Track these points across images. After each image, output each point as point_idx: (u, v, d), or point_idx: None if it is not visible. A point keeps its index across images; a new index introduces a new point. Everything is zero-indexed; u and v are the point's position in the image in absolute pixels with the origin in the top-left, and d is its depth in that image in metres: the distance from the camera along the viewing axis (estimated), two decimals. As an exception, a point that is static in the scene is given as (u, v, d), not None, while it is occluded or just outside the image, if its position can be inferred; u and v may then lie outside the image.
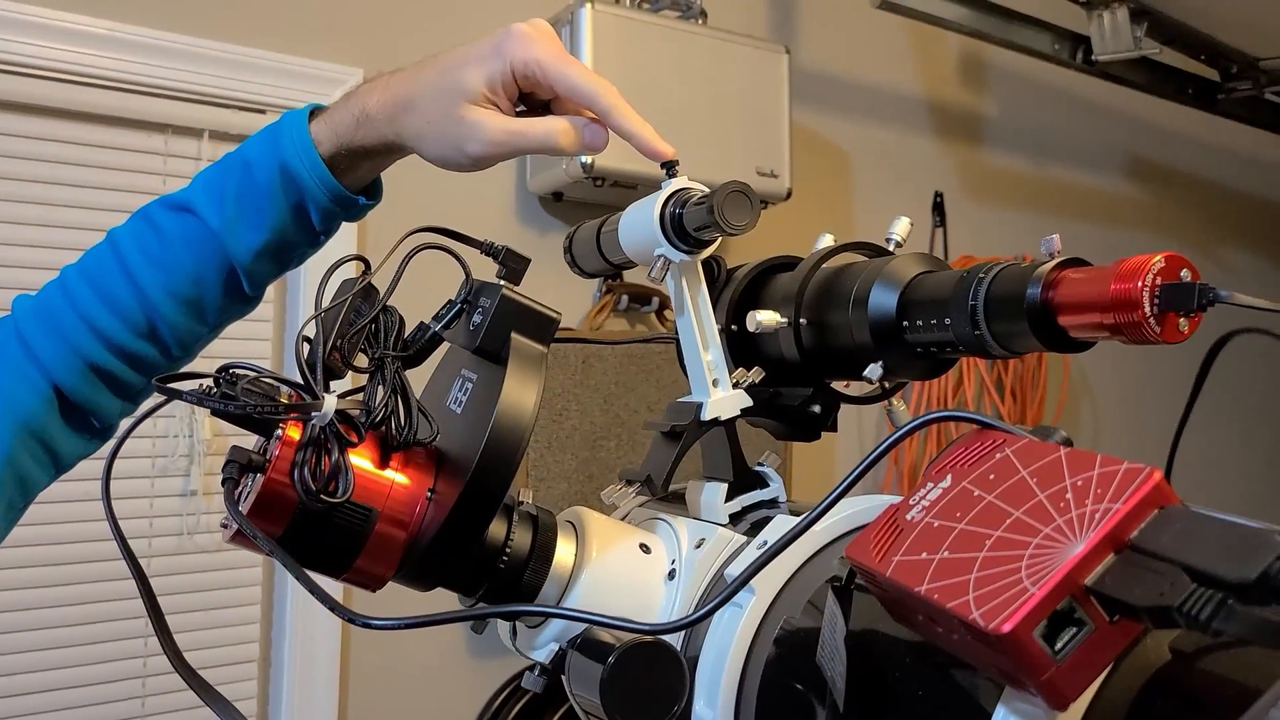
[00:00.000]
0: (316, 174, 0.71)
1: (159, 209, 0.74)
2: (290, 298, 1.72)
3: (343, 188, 0.72)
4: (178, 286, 0.72)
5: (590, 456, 1.80)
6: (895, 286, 0.62)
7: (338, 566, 0.57)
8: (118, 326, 0.71)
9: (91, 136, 1.57)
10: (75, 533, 1.54)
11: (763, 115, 1.96)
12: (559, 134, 0.69)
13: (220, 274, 0.73)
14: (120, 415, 0.76)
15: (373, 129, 0.70)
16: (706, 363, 0.68)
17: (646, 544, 0.65)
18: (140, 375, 0.74)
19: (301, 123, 0.72)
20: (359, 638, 1.76)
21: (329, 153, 0.71)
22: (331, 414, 0.54)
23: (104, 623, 1.56)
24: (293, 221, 0.73)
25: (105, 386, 0.73)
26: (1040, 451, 0.39)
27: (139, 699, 1.58)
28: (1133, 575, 0.32)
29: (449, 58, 0.70)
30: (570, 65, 0.68)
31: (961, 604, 0.34)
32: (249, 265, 0.73)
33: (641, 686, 0.55)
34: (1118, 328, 0.49)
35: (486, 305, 0.60)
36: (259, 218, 0.72)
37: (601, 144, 0.70)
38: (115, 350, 0.72)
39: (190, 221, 0.72)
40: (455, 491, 0.56)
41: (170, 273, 0.72)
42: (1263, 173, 3.31)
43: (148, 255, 0.72)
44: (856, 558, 0.41)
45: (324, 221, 0.74)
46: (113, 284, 0.72)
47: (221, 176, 0.73)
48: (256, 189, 0.71)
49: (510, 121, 0.69)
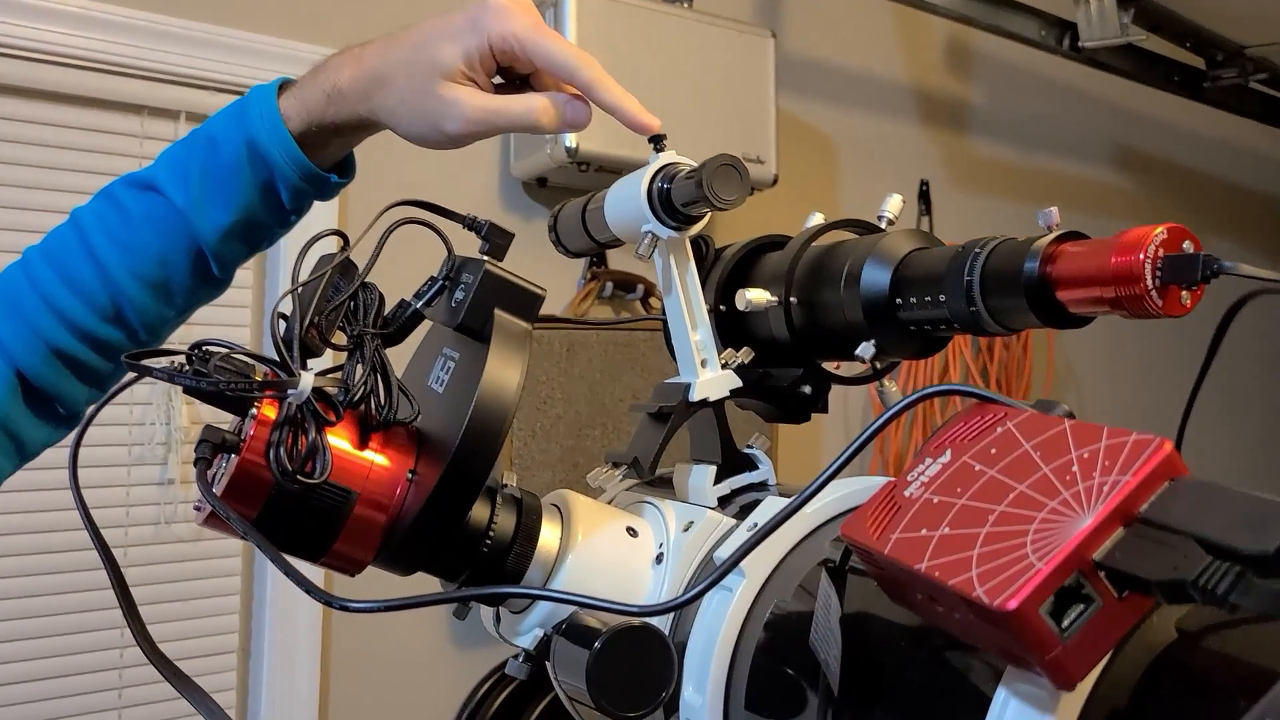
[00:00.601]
0: (286, 151, 0.68)
1: (123, 188, 0.71)
2: (270, 275, 1.69)
3: (314, 165, 0.70)
4: (143, 268, 0.70)
5: (575, 445, 1.78)
6: (888, 263, 0.61)
7: (315, 550, 0.56)
8: (81, 309, 0.69)
9: (66, 118, 1.54)
10: (50, 521, 1.51)
11: (748, 100, 1.95)
12: (539, 112, 0.67)
13: (187, 255, 0.71)
14: (87, 402, 0.73)
15: (345, 105, 0.68)
16: (695, 342, 0.67)
17: (633, 527, 0.64)
18: (106, 360, 0.71)
19: (270, 98, 0.69)
20: (340, 627, 1.74)
21: (299, 129, 0.69)
22: (308, 392, 0.52)
23: (80, 613, 1.53)
24: (261, 200, 0.70)
25: (70, 372, 0.70)
26: (1044, 424, 0.37)
27: (115, 690, 1.56)
28: (1144, 549, 0.31)
29: (423, 31, 0.67)
30: (549, 38, 0.66)
31: (964, 581, 0.33)
32: (216, 246, 0.71)
33: (629, 672, 0.54)
34: (1118, 301, 0.47)
35: (469, 281, 0.58)
36: (226, 196, 0.69)
37: (584, 121, 0.68)
38: (79, 334, 0.69)
39: (155, 201, 0.70)
40: (437, 473, 0.54)
41: (135, 254, 0.70)
42: (1247, 162, 3.32)
43: (111, 236, 0.69)
44: (853, 536, 0.40)
45: (294, 200, 0.71)
46: (76, 265, 0.69)
47: (186, 154, 0.70)
48: (223, 167, 0.69)
49: (489, 99, 0.67)
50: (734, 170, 0.61)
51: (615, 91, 0.66)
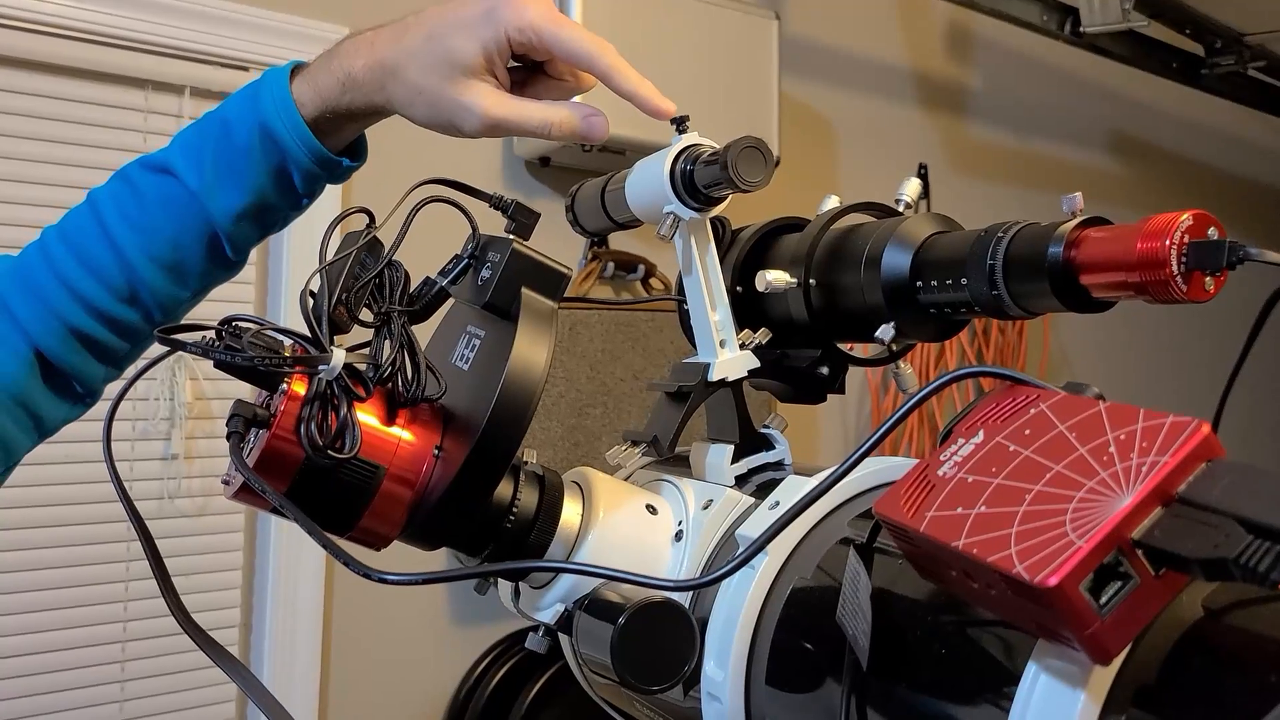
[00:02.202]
0: (299, 136, 0.69)
1: (138, 170, 0.72)
2: (273, 256, 1.69)
3: (326, 150, 0.70)
4: (157, 250, 0.70)
5: (576, 424, 1.79)
6: (909, 246, 0.62)
7: (343, 525, 0.56)
8: (98, 290, 0.69)
9: (70, 91, 1.53)
10: (56, 495, 1.52)
11: (752, 82, 1.95)
12: (556, 125, 0.67)
13: (201, 237, 0.71)
14: (105, 380, 0.74)
15: (359, 93, 0.68)
16: (714, 323, 0.67)
17: (653, 505, 0.65)
18: (123, 340, 0.72)
19: (283, 82, 0.69)
20: (342, 603, 1.75)
21: (312, 115, 0.69)
22: (340, 368, 0.53)
23: (84, 586, 1.54)
24: (274, 184, 0.71)
25: (87, 351, 0.71)
26: (1078, 406, 0.38)
27: (119, 663, 1.57)
28: (1183, 528, 0.32)
29: (437, 20, 0.67)
30: (566, 27, 0.66)
31: (1004, 558, 0.34)
32: (230, 228, 0.71)
33: (652, 647, 0.55)
34: (1143, 286, 0.48)
35: (496, 260, 0.59)
36: (239, 180, 0.70)
37: (600, 136, 0.68)
38: (96, 314, 0.70)
39: (169, 183, 0.70)
40: (463, 450, 0.55)
41: (149, 236, 0.70)
42: (1244, 151, 3.33)
43: (127, 218, 0.70)
44: (887, 514, 0.41)
45: (306, 184, 0.71)
46: (92, 247, 0.70)
47: (200, 137, 0.71)
48: (236, 150, 0.69)
49: (507, 104, 0.66)
50: (758, 152, 0.61)
51: (633, 78, 0.66)
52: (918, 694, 0.45)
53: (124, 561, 1.56)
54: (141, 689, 1.58)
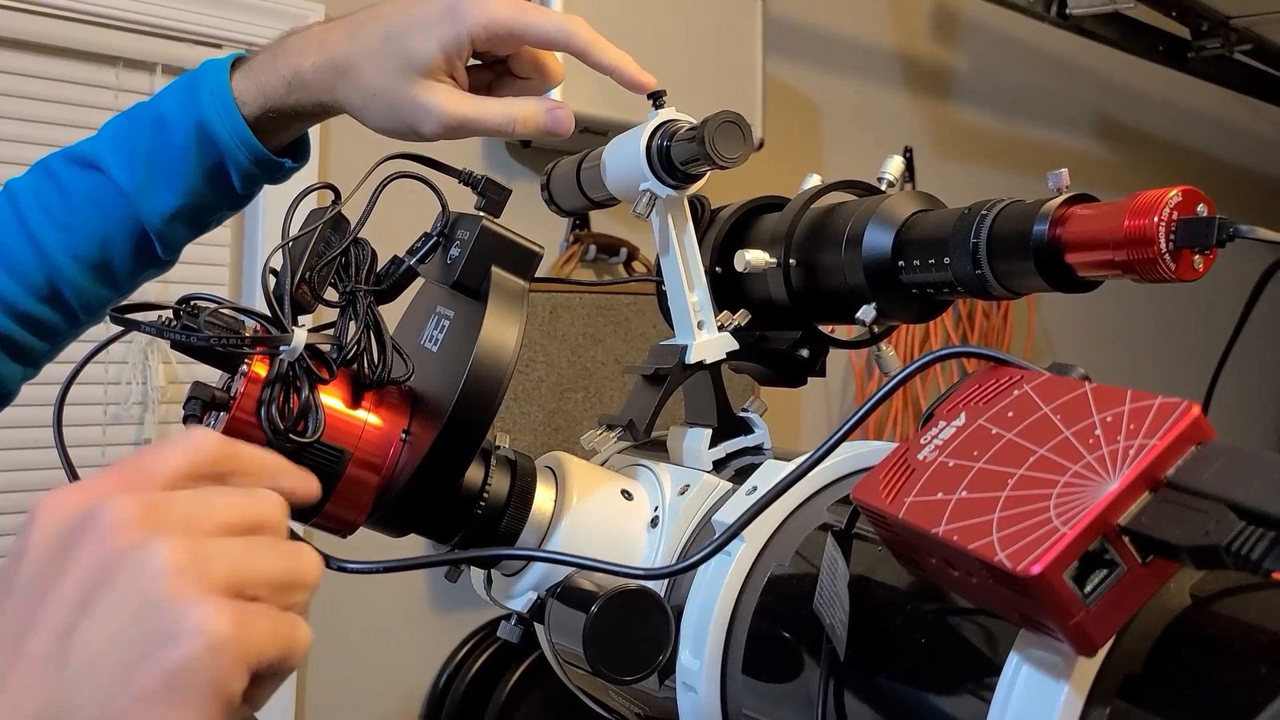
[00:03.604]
0: (239, 136, 0.65)
1: (62, 163, 0.68)
2: (249, 234, 1.65)
3: (267, 151, 0.67)
4: (83, 249, 0.67)
5: (557, 408, 1.77)
6: (891, 225, 0.60)
7: (307, 511, 0.54)
8: (15, 289, 0.66)
9: (38, 68, 1.49)
10: (12, 481, 1.49)
11: (736, 63, 1.93)
12: (519, 122, 0.65)
13: (130, 236, 0.68)
14: (22, 381, 0.70)
15: (307, 93, 0.65)
16: (692, 304, 0.66)
17: (628, 490, 0.63)
18: (41, 340, 0.69)
19: (222, 78, 0.66)
20: (319, 592, 1.73)
21: (254, 114, 0.66)
22: (301, 349, 0.51)
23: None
24: (210, 184, 0.67)
25: (2, 351, 0.68)
26: (1063, 387, 0.37)
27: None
28: (1171, 514, 0.30)
29: (395, 17, 0.63)
30: (533, 14, 0.63)
31: (985, 545, 0.32)
32: (162, 228, 0.68)
33: (626, 636, 0.53)
34: (1130, 265, 0.47)
35: (465, 238, 0.57)
36: (174, 180, 0.66)
37: (566, 129, 0.66)
38: (13, 314, 0.66)
39: (97, 180, 0.67)
40: (432, 433, 0.53)
41: (74, 234, 0.66)
42: (1230, 135, 3.33)
43: (49, 214, 0.66)
44: (865, 499, 0.39)
45: (245, 185, 0.68)
46: (10, 243, 0.66)
47: (132, 131, 0.67)
48: (170, 148, 0.66)
49: (467, 104, 0.64)
50: (736, 128, 0.60)
51: (611, 52, 0.64)
52: (896, 684, 0.43)
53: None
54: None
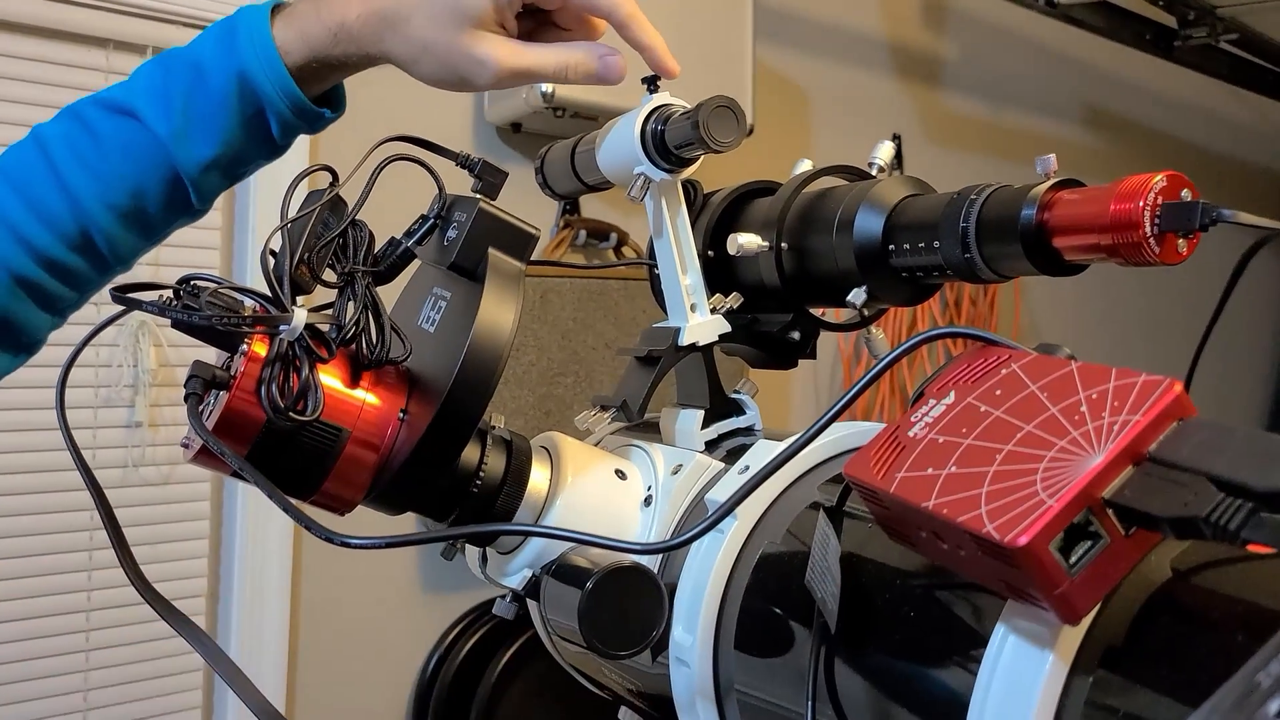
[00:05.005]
0: (281, 86, 0.65)
1: (94, 110, 0.67)
2: (239, 215, 1.65)
3: (310, 102, 0.67)
4: (116, 198, 0.66)
5: (547, 393, 1.78)
6: (882, 209, 0.61)
7: (305, 489, 0.55)
8: (47, 237, 0.65)
9: (28, 50, 1.49)
10: (15, 464, 1.49)
11: (726, 50, 1.93)
12: (572, 67, 0.64)
13: (164, 185, 0.67)
14: (49, 330, 0.70)
15: (353, 44, 0.64)
16: (685, 287, 0.67)
17: (622, 470, 0.64)
18: (70, 289, 0.68)
19: (263, 27, 0.65)
20: (310, 572, 1.74)
21: (297, 64, 0.65)
22: (301, 328, 0.52)
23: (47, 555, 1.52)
24: (248, 134, 0.67)
25: (32, 300, 0.67)
26: (1050, 366, 0.38)
27: (83, 633, 1.55)
28: (1153, 486, 0.31)
29: None
30: None
31: (973, 518, 0.33)
32: (198, 177, 0.67)
33: (620, 612, 0.54)
34: (1115, 249, 0.48)
35: (462, 220, 0.58)
36: (211, 128, 0.66)
37: (618, 76, 0.65)
38: (44, 262, 0.66)
39: (132, 128, 0.66)
40: (429, 413, 0.54)
41: (108, 183, 0.66)
42: (1216, 124, 3.35)
43: (83, 162, 0.66)
44: (857, 475, 0.40)
45: (284, 135, 0.68)
46: (42, 191, 0.65)
47: (167, 79, 0.66)
48: (210, 97, 0.65)
49: (521, 53, 0.64)
50: (730, 112, 0.61)
51: (650, 31, 0.65)
52: (886, 656, 0.44)
53: (88, 530, 1.53)
54: (107, 659, 1.56)
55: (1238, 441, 0.30)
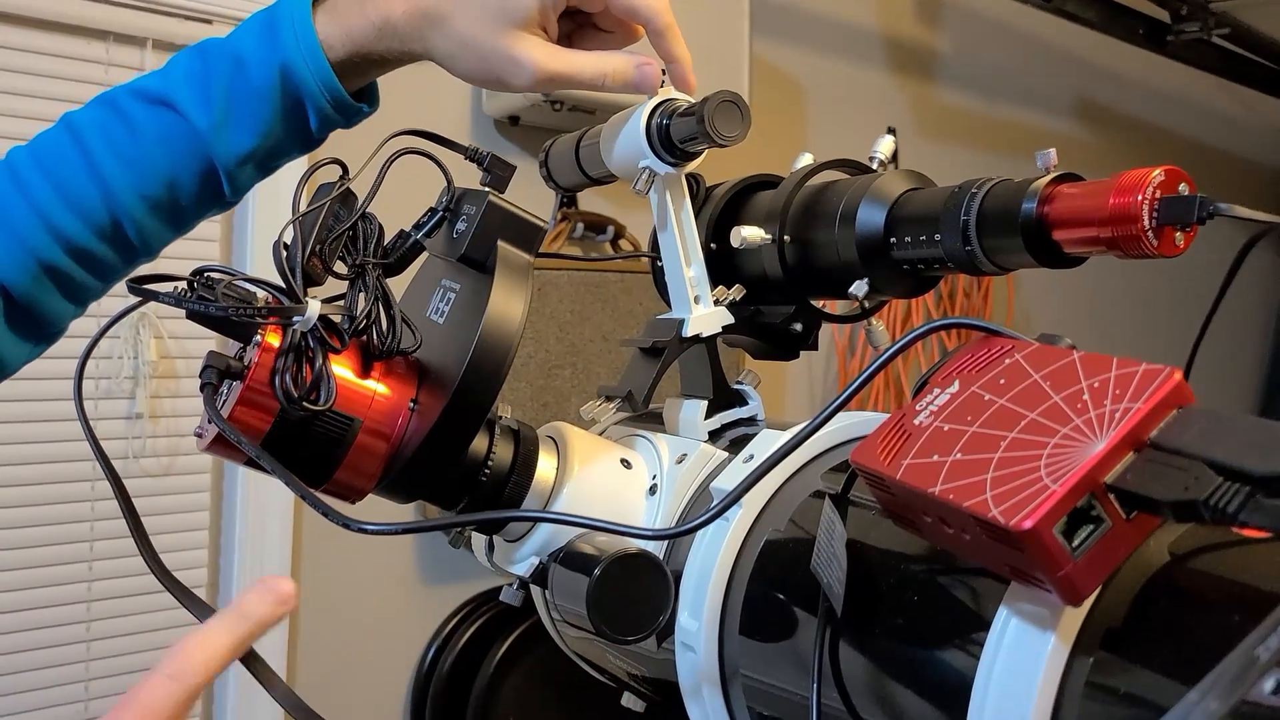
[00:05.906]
0: (323, 81, 0.65)
1: (130, 99, 0.67)
2: (238, 210, 1.65)
3: (350, 97, 0.66)
4: (150, 188, 0.66)
5: (545, 385, 1.79)
6: (884, 202, 0.62)
7: (317, 477, 0.56)
8: (78, 226, 0.65)
9: (26, 42, 1.49)
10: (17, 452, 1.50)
11: (723, 44, 1.94)
12: (610, 75, 0.64)
13: (199, 176, 0.67)
14: (70, 319, 0.70)
15: (397, 40, 0.64)
16: (689, 278, 0.67)
17: (627, 459, 0.65)
18: (96, 278, 0.68)
19: (306, 20, 0.65)
20: (309, 563, 1.75)
21: (339, 58, 0.65)
22: (315, 319, 0.52)
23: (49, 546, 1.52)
24: (286, 127, 0.67)
25: (57, 289, 0.67)
26: (1052, 355, 0.39)
27: (85, 603, 1.56)
28: (1154, 472, 0.32)
29: None
30: None
31: (979, 503, 0.35)
32: (234, 170, 0.67)
33: (627, 598, 0.55)
34: (1114, 242, 0.49)
35: (471, 212, 0.58)
36: (251, 121, 0.66)
37: (653, 86, 0.65)
38: (73, 251, 0.66)
39: (170, 119, 0.66)
40: (439, 403, 0.55)
41: (143, 173, 0.66)
42: (1208, 119, 3.36)
43: (117, 151, 0.65)
44: (863, 462, 0.41)
45: (321, 129, 0.68)
46: (75, 180, 0.65)
47: (206, 70, 0.66)
48: (251, 90, 0.65)
49: (561, 58, 0.64)
50: (735, 107, 0.61)
51: (681, 45, 0.65)
52: (890, 639, 0.45)
53: (88, 521, 1.54)
54: (108, 649, 1.57)
55: (1236, 428, 0.31)
